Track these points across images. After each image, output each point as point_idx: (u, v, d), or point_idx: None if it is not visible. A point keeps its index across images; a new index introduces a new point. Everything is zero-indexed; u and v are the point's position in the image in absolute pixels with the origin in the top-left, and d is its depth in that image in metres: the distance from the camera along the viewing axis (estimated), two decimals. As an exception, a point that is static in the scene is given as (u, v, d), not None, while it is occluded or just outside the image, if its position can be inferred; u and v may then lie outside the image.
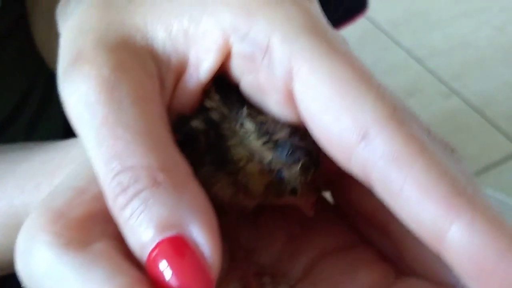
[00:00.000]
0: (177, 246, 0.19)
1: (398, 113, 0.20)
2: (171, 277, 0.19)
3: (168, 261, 0.19)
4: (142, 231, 0.19)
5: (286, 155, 0.22)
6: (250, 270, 0.24)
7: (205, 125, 0.23)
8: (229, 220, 0.25)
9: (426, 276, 0.23)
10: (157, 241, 0.19)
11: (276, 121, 0.23)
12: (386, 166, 0.19)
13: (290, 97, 0.21)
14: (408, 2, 1.12)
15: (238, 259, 0.25)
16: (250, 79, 0.22)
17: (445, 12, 1.09)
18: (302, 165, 0.22)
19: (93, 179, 0.20)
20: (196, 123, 0.23)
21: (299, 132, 0.22)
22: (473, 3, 1.10)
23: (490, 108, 0.96)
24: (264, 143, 0.22)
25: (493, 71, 1.00)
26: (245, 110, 0.23)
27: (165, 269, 0.19)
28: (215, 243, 0.19)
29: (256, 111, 0.23)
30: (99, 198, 0.20)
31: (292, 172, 0.22)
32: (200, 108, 0.23)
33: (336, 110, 0.20)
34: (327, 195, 0.27)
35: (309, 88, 0.21)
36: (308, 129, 0.21)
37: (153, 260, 0.19)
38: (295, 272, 0.24)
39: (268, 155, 0.22)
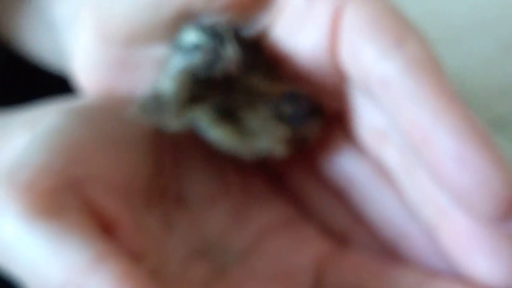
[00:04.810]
0: None
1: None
2: None
3: None
4: None
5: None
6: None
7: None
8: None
9: (373, 247, 0.24)
10: None
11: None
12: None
13: (335, 31, 0.22)
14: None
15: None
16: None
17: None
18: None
19: (54, 153, 0.20)
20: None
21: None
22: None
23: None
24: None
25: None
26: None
27: None
28: None
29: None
30: (64, 171, 0.20)
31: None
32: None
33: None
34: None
35: (358, 19, 0.21)
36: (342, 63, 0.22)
37: None
38: (241, 245, 0.24)
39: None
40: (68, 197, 0.20)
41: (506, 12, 0.93)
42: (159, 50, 0.23)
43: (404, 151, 0.22)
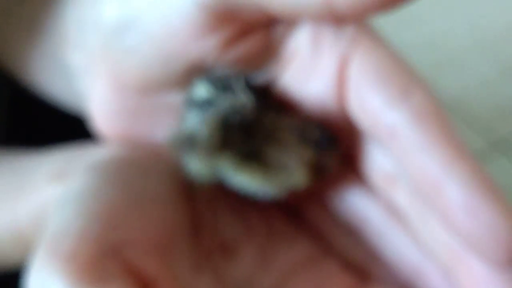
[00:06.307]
0: None
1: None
2: None
3: None
4: None
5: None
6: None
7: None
8: (212, 205, 0.25)
9: (391, 281, 0.24)
10: None
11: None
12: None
13: (342, 80, 0.22)
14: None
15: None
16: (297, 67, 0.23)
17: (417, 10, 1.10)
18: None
19: (91, 219, 0.21)
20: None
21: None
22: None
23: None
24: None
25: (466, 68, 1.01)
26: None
27: None
28: None
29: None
30: (103, 238, 0.20)
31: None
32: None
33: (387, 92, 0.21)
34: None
35: (366, 68, 0.21)
36: (348, 110, 0.22)
37: None
38: (269, 284, 0.24)
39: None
40: (109, 263, 0.20)
41: (506, 34, 0.94)
42: (174, 97, 0.24)
43: (414, 196, 0.22)
